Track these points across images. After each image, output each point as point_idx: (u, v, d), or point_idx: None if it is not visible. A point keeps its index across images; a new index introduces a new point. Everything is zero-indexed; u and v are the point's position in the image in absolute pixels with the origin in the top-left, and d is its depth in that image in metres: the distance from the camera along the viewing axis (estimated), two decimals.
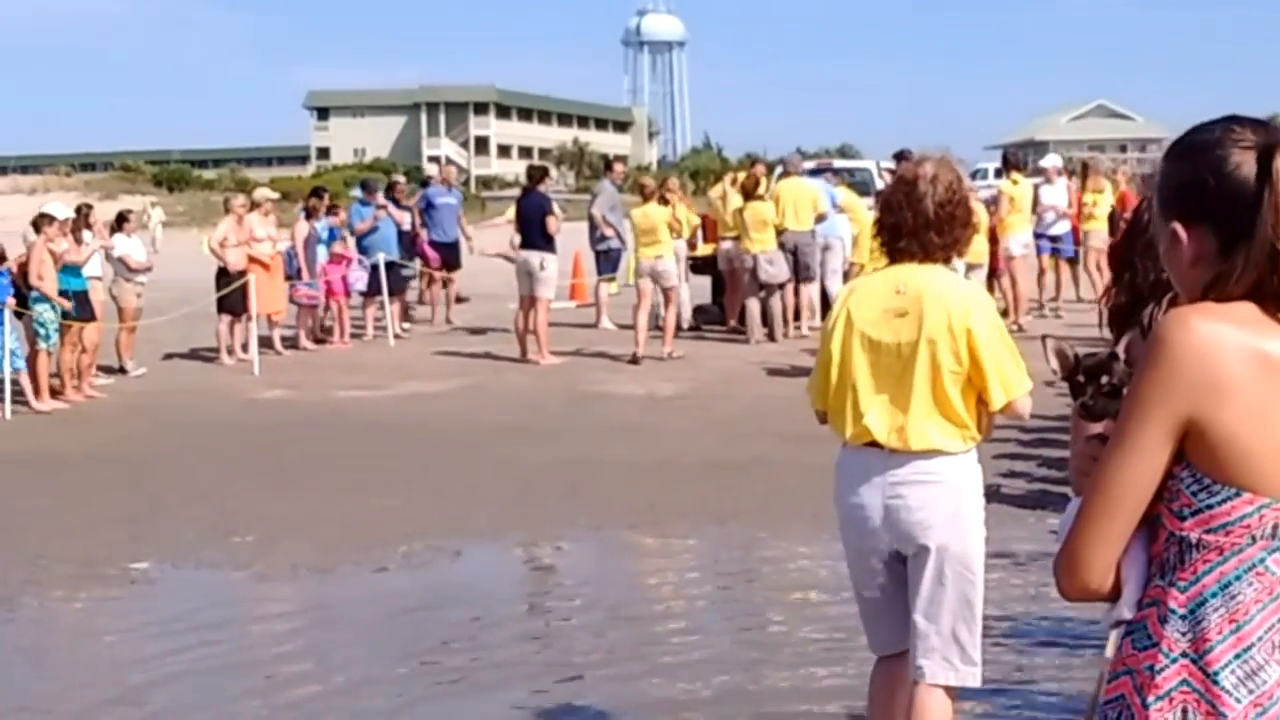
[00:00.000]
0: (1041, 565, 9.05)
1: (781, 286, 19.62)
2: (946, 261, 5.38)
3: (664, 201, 19.59)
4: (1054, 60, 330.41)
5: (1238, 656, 2.47)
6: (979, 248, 18.00)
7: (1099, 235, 20.79)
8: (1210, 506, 2.49)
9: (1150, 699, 2.51)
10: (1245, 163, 2.53)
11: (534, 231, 19.01)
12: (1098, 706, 4.68)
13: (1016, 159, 23.27)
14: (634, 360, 18.74)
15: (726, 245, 20.63)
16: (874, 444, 5.28)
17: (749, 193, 19.54)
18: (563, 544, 10.66)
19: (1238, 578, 2.48)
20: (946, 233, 5.31)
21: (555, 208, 19.63)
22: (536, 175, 20.28)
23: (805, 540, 10.17)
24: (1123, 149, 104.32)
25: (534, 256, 18.87)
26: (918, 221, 5.28)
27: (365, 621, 8.68)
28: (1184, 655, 2.50)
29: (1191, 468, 2.50)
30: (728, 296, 21.35)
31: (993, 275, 20.10)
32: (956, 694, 5.42)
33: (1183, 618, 2.51)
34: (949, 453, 5.22)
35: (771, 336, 19.73)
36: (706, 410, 15.45)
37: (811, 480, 11.47)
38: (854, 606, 5.77)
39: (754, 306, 19.70)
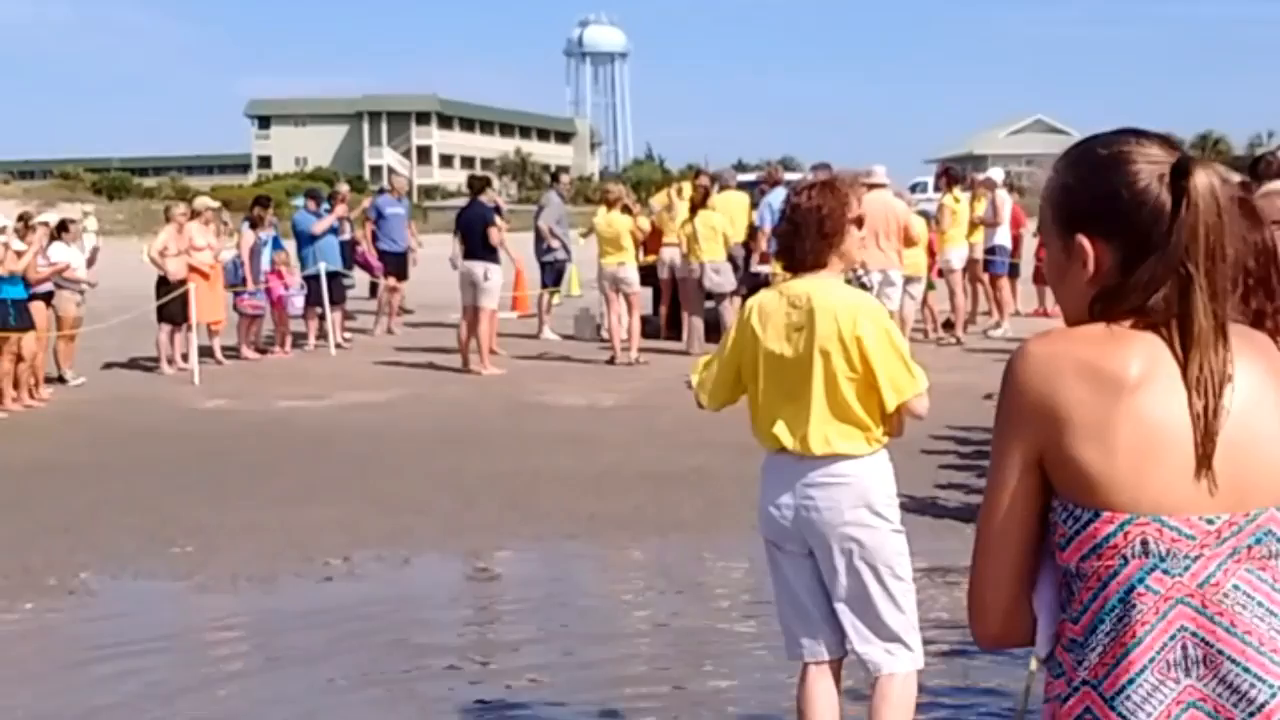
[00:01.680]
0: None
1: (727, 296, 19.76)
2: (823, 268, 5.59)
3: (626, 210, 19.81)
4: (993, 76, 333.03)
5: (1131, 681, 2.46)
6: (916, 260, 18.15)
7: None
8: (1079, 532, 2.50)
9: None
10: (1156, 180, 2.54)
11: (476, 242, 19.07)
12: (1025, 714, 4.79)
13: (955, 173, 23.44)
14: (611, 362, 19.29)
15: (667, 255, 20.73)
16: (786, 450, 5.55)
17: (698, 204, 19.78)
18: (504, 554, 10.69)
19: (1121, 600, 2.48)
20: (807, 237, 5.57)
21: (497, 218, 19.72)
22: (478, 186, 20.54)
23: (745, 550, 10.21)
24: None
25: (477, 267, 18.96)
26: (797, 232, 5.61)
27: (306, 631, 8.67)
28: (1084, 683, 2.52)
29: (1059, 497, 2.52)
30: (666, 306, 21.49)
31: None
32: (913, 679, 5.64)
33: (1080, 645, 2.53)
34: (854, 455, 5.47)
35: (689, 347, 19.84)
36: (647, 421, 15.50)
37: (751, 491, 11.45)
38: None
39: (698, 317, 19.77)
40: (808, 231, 5.55)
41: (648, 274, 21.86)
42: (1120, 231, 2.56)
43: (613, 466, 13.12)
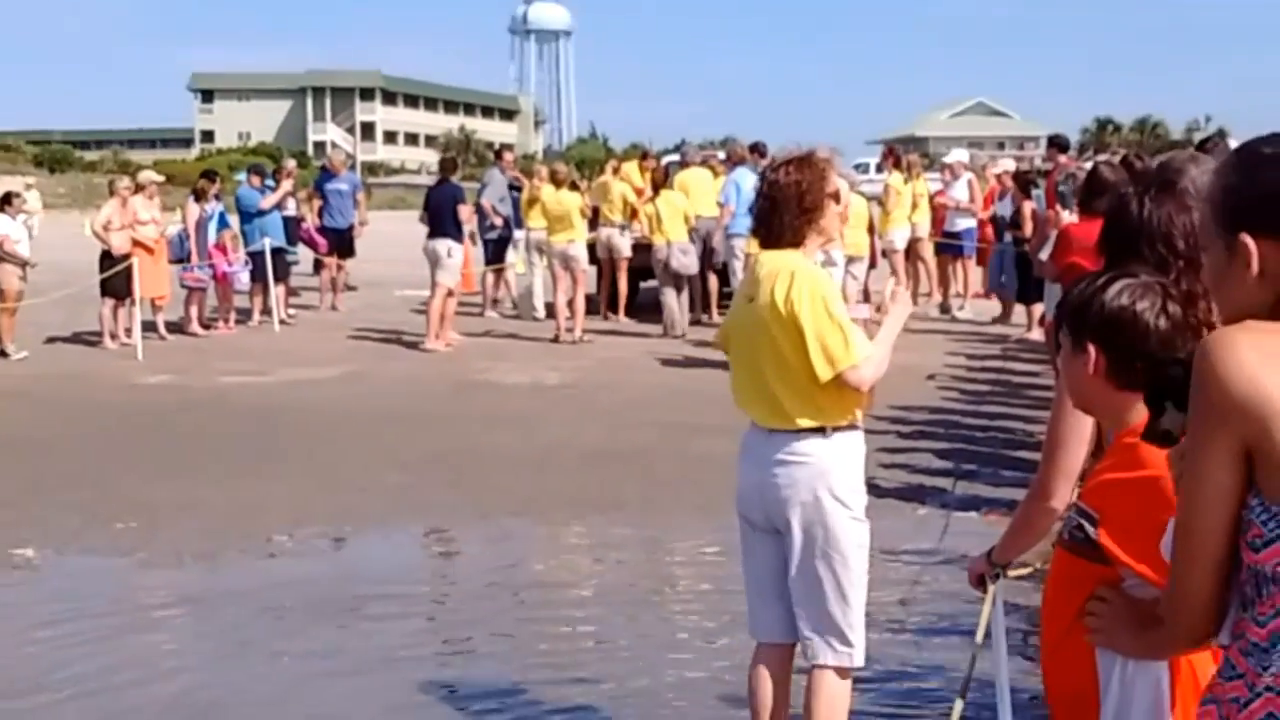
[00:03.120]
0: (917, 557, 9.26)
1: (690, 277, 19.91)
2: (795, 246, 5.52)
3: (574, 188, 19.94)
4: (935, 58, 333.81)
5: None
6: (858, 240, 18.30)
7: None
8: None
9: None
10: None
11: (445, 220, 19.37)
12: (969, 687, 4.87)
13: (899, 154, 23.54)
14: (555, 340, 19.36)
15: (604, 233, 20.80)
16: (756, 423, 5.55)
17: (659, 185, 19.95)
18: (448, 530, 10.73)
19: None
20: (780, 213, 5.51)
21: (466, 197, 20.05)
22: (449, 166, 21.36)
23: (688, 529, 10.32)
24: (1000, 145, 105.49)
25: (441, 244, 19.23)
26: (775, 208, 5.54)
27: (250, 607, 8.68)
28: (1268, 689, 2.43)
29: (1260, 496, 2.43)
30: (606, 284, 21.56)
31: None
32: (848, 674, 5.60)
33: (1264, 651, 2.44)
34: (814, 431, 5.39)
35: (697, 323, 20.00)
36: (591, 400, 15.55)
37: (694, 471, 11.66)
38: (735, 595, 5.91)
39: (670, 297, 19.88)
40: (786, 207, 5.47)
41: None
42: None
43: (556, 445, 13.16)
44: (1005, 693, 4.65)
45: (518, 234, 22.69)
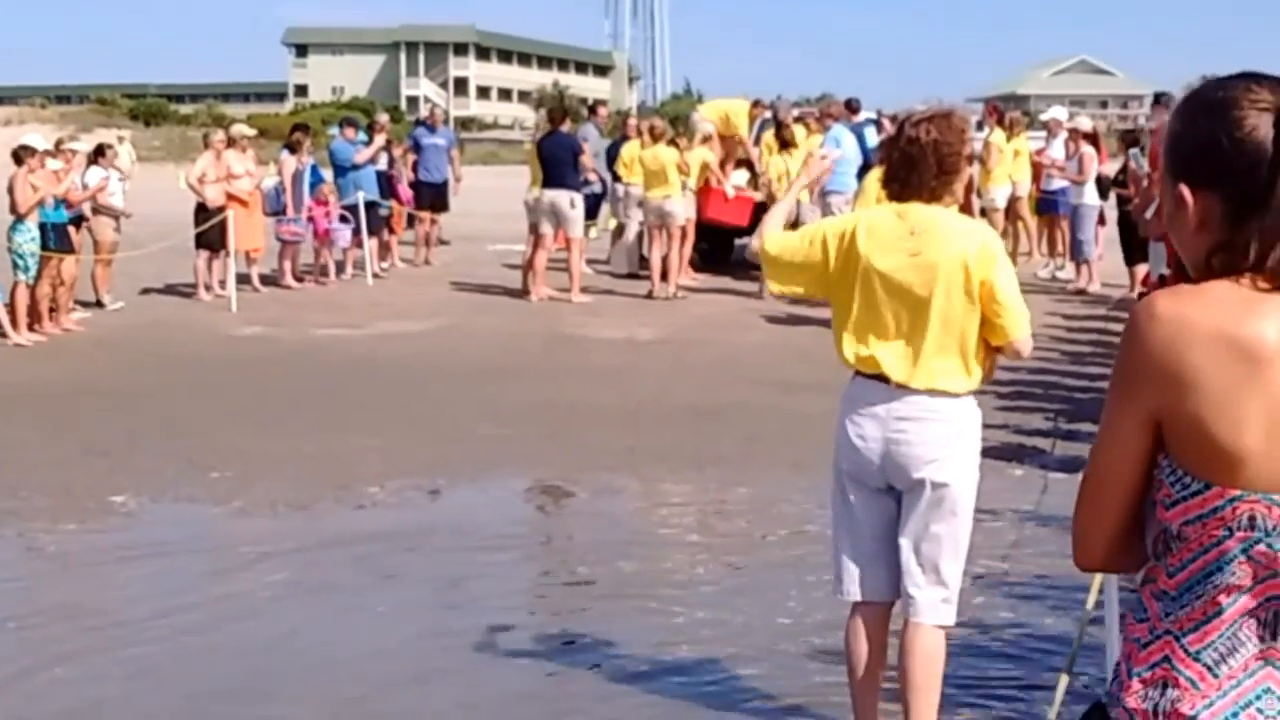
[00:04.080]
0: (1016, 517, 9.13)
1: None
2: (938, 202, 5.39)
3: (673, 144, 19.73)
4: (1037, 14, 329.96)
5: (1220, 636, 2.45)
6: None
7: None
8: (1185, 499, 2.44)
9: (1135, 669, 2.53)
10: (1262, 125, 2.40)
11: (562, 171, 19.16)
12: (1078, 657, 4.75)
13: (1001, 111, 23.19)
14: (649, 296, 19.26)
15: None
16: (880, 377, 5.35)
17: (789, 142, 19.55)
18: (543, 483, 10.69)
19: (1219, 568, 2.43)
20: (943, 171, 5.36)
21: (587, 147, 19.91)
22: (557, 116, 20.42)
23: (783, 485, 10.22)
24: (1104, 105, 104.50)
25: (562, 196, 19.00)
26: (913, 165, 5.35)
27: (344, 557, 8.68)
28: (1167, 633, 2.50)
29: (1169, 458, 2.45)
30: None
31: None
32: (943, 637, 5.50)
33: (1172, 599, 2.50)
34: (953, 393, 5.31)
35: None
36: (685, 355, 15.48)
37: (789, 427, 11.57)
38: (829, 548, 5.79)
39: None
40: (925, 165, 5.33)
41: None
42: (1222, 181, 2.44)
43: (650, 400, 13.11)
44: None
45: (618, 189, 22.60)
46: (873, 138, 20.47)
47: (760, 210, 19.46)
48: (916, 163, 5.35)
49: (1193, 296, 2.42)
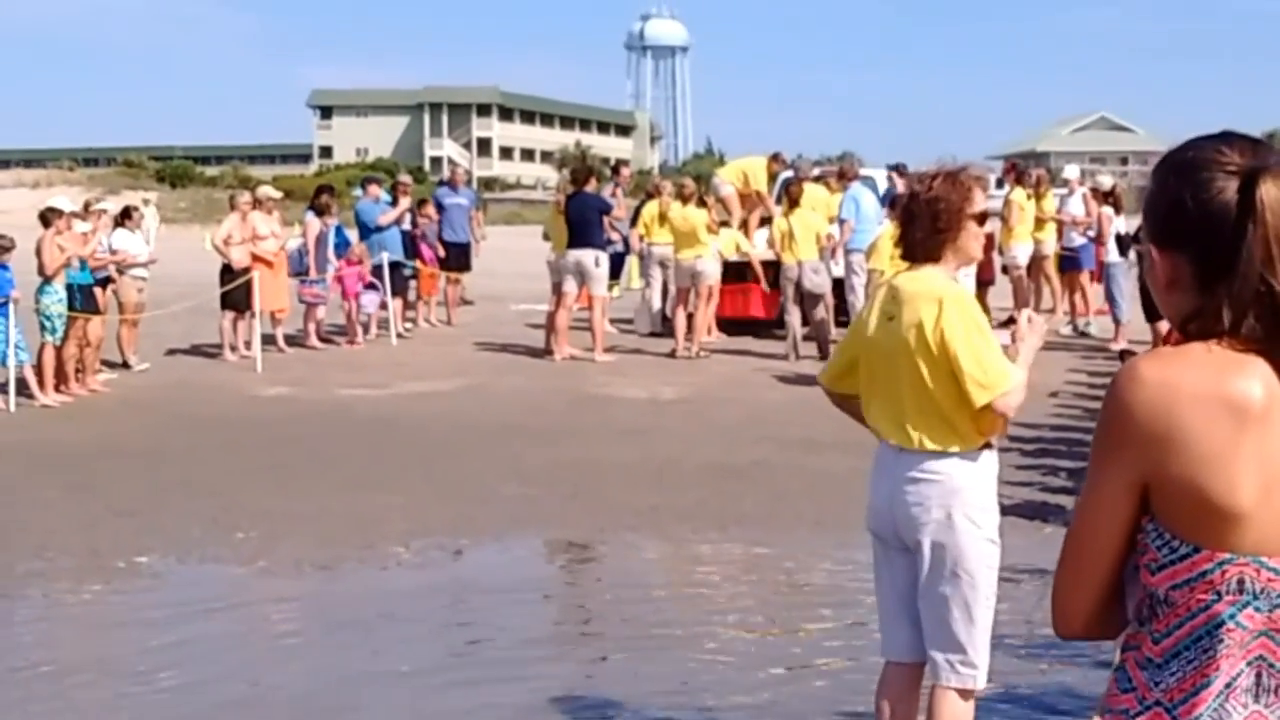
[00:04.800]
0: (1042, 576, 9.10)
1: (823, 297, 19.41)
2: (935, 261, 5.41)
3: (702, 204, 19.80)
4: (1056, 71, 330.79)
5: (1209, 708, 2.42)
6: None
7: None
8: (1173, 562, 2.42)
9: None
10: (1228, 188, 2.39)
11: (588, 230, 19.25)
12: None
13: (1020, 169, 23.24)
14: (672, 355, 19.28)
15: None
16: (888, 440, 5.43)
17: (795, 201, 19.40)
18: (566, 543, 10.71)
19: (1208, 633, 2.41)
20: (919, 228, 5.41)
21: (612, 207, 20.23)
22: (582, 176, 20.51)
23: (807, 544, 10.23)
24: (1124, 161, 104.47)
25: (587, 255, 19.06)
26: (912, 222, 5.45)
27: (368, 616, 8.70)
28: (1157, 704, 2.46)
29: (1155, 522, 2.43)
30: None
31: (984, 285, 19.89)
32: (971, 696, 5.49)
33: (1159, 667, 2.47)
34: (950, 453, 5.31)
35: (823, 350, 18.14)
36: (708, 415, 15.49)
37: (813, 486, 11.58)
38: (856, 609, 5.83)
39: (795, 318, 18.92)
40: (922, 223, 5.38)
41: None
42: (1188, 243, 2.44)
43: (674, 459, 13.11)
44: None
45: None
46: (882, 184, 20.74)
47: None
48: (914, 219, 5.43)
49: (1175, 358, 2.42)
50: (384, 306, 21.36)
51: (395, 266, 21.50)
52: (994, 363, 5.22)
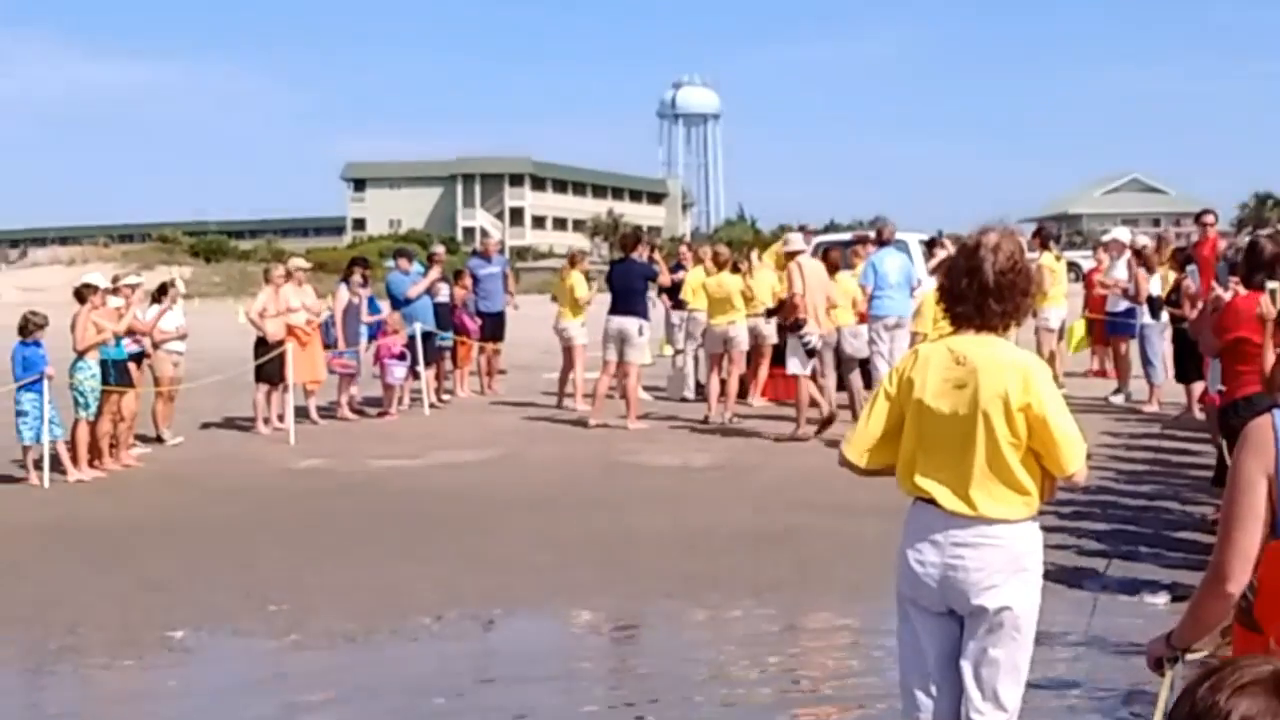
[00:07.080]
0: (1074, 641, 9.03)
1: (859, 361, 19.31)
2: (1005, 330, 5.42)
3: (736, 270, 19.82)
4: (1087, 134, 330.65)
5: None
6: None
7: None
8: None
9: None
10: None
11: (634, 298, 19.33)
12: None
13: (1050, 232, 23.19)
14: (704, 421, 19.26)
15: (752, 321, 20.46)
16: (936, 504, 5.36)
17: (834, 267, 19.33)
18: (600, 612, 10.65)
19: None
20: (1006, 300, 5.37)
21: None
22: (630, 243, 20.52)
23: (842, 610, 10.16)
24: (1156, 223, 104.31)
25: (631, 323, 19.12)
26: (975, 288, 5.37)
27: (401, 689, 8.66)
28: None
29: None
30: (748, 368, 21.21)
31: None
32: None
33: None
34: (1008, 520, 5.29)
35: (854, 413, 18.10)
36: (741, 481, 15.45)
37: (847, 551, 11.51)
38: (894, 677, 5.77)
39: (832, 383, 18.58)
40: (1008, 292, 5.35)
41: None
42: None
43: (707, 526, 13.06)
44: None
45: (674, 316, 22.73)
46: (917, 254, 20.68)
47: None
48: (999, 290, 5.36)
49: None
50: (416, 376, 21.41)
51: (428, 337, 21.56)
52: (1078, 432, 5.31)
